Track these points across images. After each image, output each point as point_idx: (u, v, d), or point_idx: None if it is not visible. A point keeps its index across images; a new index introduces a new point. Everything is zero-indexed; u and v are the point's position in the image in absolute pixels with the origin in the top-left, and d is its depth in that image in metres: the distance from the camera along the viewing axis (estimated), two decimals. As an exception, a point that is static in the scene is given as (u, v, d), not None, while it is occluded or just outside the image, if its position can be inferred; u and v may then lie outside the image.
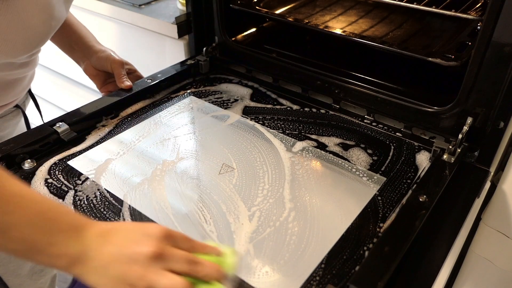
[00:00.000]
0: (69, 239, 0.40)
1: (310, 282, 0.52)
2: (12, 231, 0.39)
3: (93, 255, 0.41)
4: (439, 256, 0.55)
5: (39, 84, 1.62)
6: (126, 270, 0.40)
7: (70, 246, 0.40)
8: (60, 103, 1.67)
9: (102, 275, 0.41)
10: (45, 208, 0.41)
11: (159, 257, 0.41)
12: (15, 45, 0.64)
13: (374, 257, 0.50)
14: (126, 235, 0.42)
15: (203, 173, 0.69)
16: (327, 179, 0.68)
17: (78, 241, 0.41)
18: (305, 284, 0.51)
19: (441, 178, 0.63)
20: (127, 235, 0.42)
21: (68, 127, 0.74)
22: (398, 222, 0.55)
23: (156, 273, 0.41)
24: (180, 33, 1.02)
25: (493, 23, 0.60)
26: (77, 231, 0.41)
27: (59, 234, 0.40)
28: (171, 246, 0.43)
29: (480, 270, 0.81)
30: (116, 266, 0.41)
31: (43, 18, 0.66)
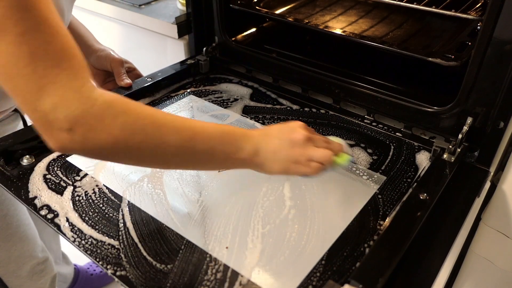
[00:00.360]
0: (247, 143, 0.55)
1: (311, 278, 0.52)
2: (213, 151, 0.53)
3: (264, 148, 0.55)
4: (439, 256, 0.55)
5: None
6: (290, 152, 0.55)
7: (249, 147, 0.55)
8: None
9: (273, 160, 0.55)
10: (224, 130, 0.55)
11: (309, 139, 0.57)
12: None
13: (375, 253, 0.50)
14: (280, 131, 0.57)
15: (203, 172, 0.69)
16: (327, 178, 0.68)
17: (251, 143, 0.55)
18: (306, 280, 0.51)
19: (441, 176, 0.63)
20: (281, 131, 0.57)
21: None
22: (399, 218, 0.55)
23: (311, 149, 0.56)
24: (180, 33, 1.01)
25: (493, 23, 0.60)
26: (248, 137, 0.55)
27: (240, 141, 0.54)
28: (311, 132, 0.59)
29: (480, 270, 0.81)
30: (283, 151, 0.55)
31: None
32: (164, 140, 0.49)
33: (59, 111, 0.43)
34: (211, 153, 0.53)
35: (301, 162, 0.56)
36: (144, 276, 0.52)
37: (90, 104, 0.45)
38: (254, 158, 0.55)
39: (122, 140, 0.47)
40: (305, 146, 0.56)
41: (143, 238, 0.57)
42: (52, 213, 0.61)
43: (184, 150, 0.51)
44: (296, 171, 0.56)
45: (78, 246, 0.56)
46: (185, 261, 0.54)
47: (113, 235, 0.58)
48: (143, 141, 0.48)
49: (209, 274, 0.52)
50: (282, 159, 0.55)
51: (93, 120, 0.45)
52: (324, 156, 0.56)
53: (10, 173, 0.67)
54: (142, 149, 0.49)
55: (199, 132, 0.52)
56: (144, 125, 0.48)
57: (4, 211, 0.85)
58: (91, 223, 0.59)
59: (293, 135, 0.56)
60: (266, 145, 0.55)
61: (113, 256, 0.55)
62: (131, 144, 0.48)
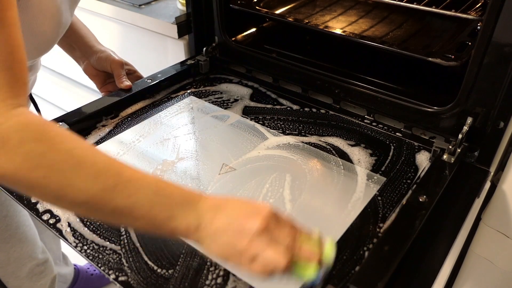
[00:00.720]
0: (186, 212, 0.45)
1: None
2: (135, 211, 0.44)
3: (206, 224, 0.45)
4: (439, 256, 0.55)
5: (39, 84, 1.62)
6: (234, 240, 0.44)
7: (187, 218, 0.45)
8: (60, 103, 1.67)
9: (213, 241, 0.45)
10: (160, 187, 0.45)
11: (265, 232, 0.44)
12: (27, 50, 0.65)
13: (374, 257, 0.50)
14: (236, 209, 0.46)
15: (203, 173, 0.69)
16: (327, 179, 0.68)
17: (193, 213, 0.45)
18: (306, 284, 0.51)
19: (441, 178, 0.63)
20: (237, 210, 0.46)
21: (68, 127, 0.74)
22: (398, 222, 0.55)
23: (261, 246, 0.44)
24: (180, 33, 1.01)
25: (493, 23, 0.60)
26: (192, 204, 0.46)
27: (177, 208, 0.45)
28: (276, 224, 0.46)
29: (480, 270, 0.81)
30: (226, 235, 0.45)
31: (52, 25, 0.66)
32: (73, 183, 0.42)
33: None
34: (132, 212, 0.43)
35: (245, 256, 0.44)
36: (146, 281, 0.52)
37: (1, 121, 0.41)
38: (193, 233, 0.45)
39: (22, 171, 0.41)
40: (254, 239, 0.44)
41: (144, 242, 0.57)
42: (54, 218, 0.61)
43: (96, 201, 0.43)
44: (239, 265, 0.45)
45: (80, 251, 0.56)
46: (186, 266, 0.54)
47: (114, 240, 0.58)
48: (46, 177, 0.41)
49: (209, 279, 0.52)
50: (222, 244, 0.45)
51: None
52: (273, 260, 0.43)
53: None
54: (43, 187, 0.42)
55: (124, 183, 0.43)
56: (54, 161, 0.42)
57: (3, 212, 0.85)
58: (93, 227, 0.59)
59: (247, 221, 0.45)
60: (210, 221, 0.45)
61: (115, 262, 0.55)
62: (32, 178, 0.41)
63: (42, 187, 0.42)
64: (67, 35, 0.87)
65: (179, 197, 0.45)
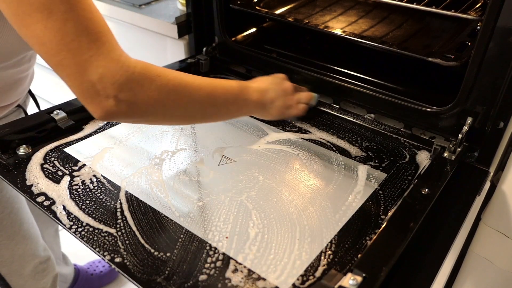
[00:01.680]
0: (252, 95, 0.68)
1: (312, 268, 0.52)
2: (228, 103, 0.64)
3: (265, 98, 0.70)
4: (439, 256, 0.55)
5: (39, 83, 1.62)
6: (284, 100, 0.72)
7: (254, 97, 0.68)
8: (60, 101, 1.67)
9: (273, 107, 0.71)
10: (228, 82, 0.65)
11: (294, 88, 0.76)
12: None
13: (379, 242, 0.50)
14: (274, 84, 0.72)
15: (202, 164, 0.69)
16: (326, 177, 0.68)
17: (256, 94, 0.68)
18: (307, 270, 0.51)
19: (442, 173, 0.63)
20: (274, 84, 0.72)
21: (65, 115, 0.74)
22: (402, 210, 0.55)
23: (298, 94, 0.76)
24: (180, 33, 1.01)
25: (493, 23, 0.60)
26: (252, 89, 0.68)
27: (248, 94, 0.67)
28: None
29: (480, 270, 0.81)
30: (279, 100, 0.72)
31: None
32: (192, 97, 0.58)
33: (105, 80, 0.48)
34: (227, 103, 0.63)
35: (292, 106, 0.73)
36: (142, 263, 0.52)
37: (131, 72, 0.50)
38: (259, 106, 0.69)
39: (160, 100, 0.53)
40: (293, 93, 0.74)
41: (141, 227, 0.57)
42: (49, 200, 0.61)
43: (207, 104, 0.61)
44: (289, 115, 0.74)
45: (75, 233, 0.56)
46: (184, 250, 0.54)
47: (110, 223, 0.57)
48: (176, 99, 0.56)
49: (208, 262, 0.52)
50: (279, 106, 0.71)
51: (135, 85, 0.50)
52: (308, 97, 0.77)
53: (6, 161, 0.67)
54: (176, 107, 0.57)
55: (217, 87, 0.62)
56: (175, 86, 0.55)
57: (8, 208, 0.85)
58: (88, 211, 0.59)
59: (284, 86, 0.73)
60: (266, 94, 0.69)
61: (111, 244, 0.54)
62: (167, 103, 0.55)
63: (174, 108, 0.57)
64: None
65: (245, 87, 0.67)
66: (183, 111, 0.59)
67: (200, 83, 0.59)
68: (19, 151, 0.69)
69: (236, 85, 0.66)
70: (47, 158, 0.69)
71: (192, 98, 0.58)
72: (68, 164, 0.68)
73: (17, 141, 0.69)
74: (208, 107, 0.62)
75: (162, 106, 0.55)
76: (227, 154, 0.72)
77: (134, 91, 0.51)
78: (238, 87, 0.66)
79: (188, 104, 0.58)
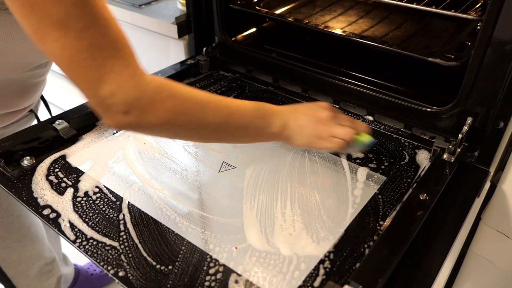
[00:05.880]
0: (275, 119, 0.62)
1: (311, 278, 0.52)
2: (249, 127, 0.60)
3: (291, 123, 0.63)
4: (439, 256, 0.55)
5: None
6: (315, 127, 0.63)
7: (277, 123, 0.62)
8: (61, 103, 1.67)
9: (300, 134, 0.63)
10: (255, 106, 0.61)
11: (333, 118, 0.64)
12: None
13: (375, 254, 0.50)
14: (307, 109, 0.65)
15: (203, 171, 0.69)
16: (327, 178, 0.68)
17: (279, 118, 0.62)
18: (306, 281, 0.51)
19: (441, 176, 0.63)
20: (308, 109, 0.65)
21: (67, 124, 0.74)
22: (399, 219, 0.55)
23: (334, 126, 0.64)
24: (180, 33, 1.01)
25: (493, 23, 0.60)
26: (276, 113, 0.62)
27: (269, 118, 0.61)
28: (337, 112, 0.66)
29: (480, 270, 0.81)
30: (309, 126, 0.63)
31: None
32: (205, 119, 0.56)
33: (116, 97, 0.49)
34: (245, 128, 0.60)
35: (324, 137, 0.63)
36: (145, 277, 0.52)
37: (143, 90, 0.50)
38: (283, 132, 0.62)
39: (170, 121, 0.53)
40: (328, 123, 0.63)
41: (143, 239, 0.57)
42: (54, 213, 0.61)
43: (222, 127, 0.58)
44: (319, 146, 0.63)
45: (79, 247, 0.56)
46: (186, 262, 0.54)
47: (113, 236, 0.58)
48: (188, 121, 0.55)
49: (209, 275, 0.52)
50: (307, 134, 0.63)
51: (146, 104, 0.51)
52: (346, 133, 0.63)
53: (10, 174, 0.67)
54: (187, 128, 0.56)
55: (234, 111, 0.59)
56: (188, 107, 0.55)
57: (17, 211, 0.86)
58: (92, 224, 0.59)
59: (318, 113, 0.64)
60: (294, 121, 0.63)
61: (114, 258, 0.55)
62: (178, 124, 0.55)
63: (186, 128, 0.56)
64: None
65: (268, 109, 0.62)
66: (195, 134, 0.58)
67: (217, 106, 0.57)
68: (23, 162, 0.68)
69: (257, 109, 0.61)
70: (51, 169, 0.68)
71: (205, 123, 0.56)
72: (71, 174, 0.68)
73: (21, 152, 0.69)
74: (223, 133, 0.60)
75: (172, 127, 0.55)
76: (227, 160, 0.71)
77: (144, 109, 0.51)
78: (259, 111, 0.61)
79: (200, 128, 0.57)
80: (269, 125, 0.61)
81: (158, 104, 0.52)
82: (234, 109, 0.59)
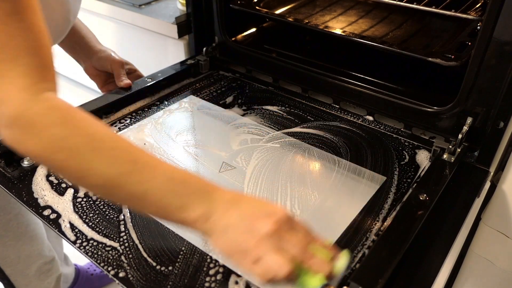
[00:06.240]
0: (198, 203, 0.44)
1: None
2: (148, 198, 0.44)
3: (217, 218, 0.44)
4: (439, 256, 0.55)
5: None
6: (242, 238, 0.44)
7: (198, 208, 0.44)
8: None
9: (221, 236, 0.44)
10: (175, 175, 0.45)
11: (274, 236, 0.43)
12: None
13: (375, 255, 0.50)
14: (251, 208, 0.45)
15: (203, 172, 0.69)
16: (327, 178, 0.68)
17: (205, 205, 0.44)
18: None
19: (441, 177, 0.63)
20: (252, 208, 0.45)
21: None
22: (398, 220, 0.55)
23: (267, 249, 0.43)
24: (180, 33, 1.01)
25: (493, 23, 0.60)
26: (205, 195, 0.45)
27: (189, 198, 0.44)
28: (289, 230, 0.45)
29: (480, 270, 0.81)
30: (235, 232, 0.44)
31: (63, 13, 0.66)
32: (92, 167, 0.43)
33: (2, 106, 0.43)
34: (145, 199, 0.44)
35: (249, 256, 0.43)
36: (145, 278, 0.52)
37: (28, 107, 0.43)
38: (203, 224, 0.44)
39: (46, 153, 0.44)
40: (262, 241, 0.43)
41: (143, 239, 0.57)
42: (55, 213, 0.61)
43: (112, 185, 0.44)
44: (240, 263, 0.44)
45: (79, 248, 0.56)
46: (186, 263, 0.54)
47: (114, 236, 0.58)
48: (67, 160, 0.44)
49: (209, 276, 0.52)
50: (230, 241, 0.44)
51: (26, 123, 0.43)
52: (278, 266, 0.42)
53: (11, 174, 0.67)
54: (65, 168, 0.45)
55: (139, 169, 0.44)
56: (75, 144, 0.43)
57: (16, 209, 0.85)
58: (92, 224, 0.59)
59: (258, 222, 0.44)
60: (222, 215, 0.44)
61: (114, 258, 0.55)
62: (54, 160, 0.44)
63: (64, 169, 0.45)
64: (68, 35, 0.87)
65: (193, 187, 0.45)
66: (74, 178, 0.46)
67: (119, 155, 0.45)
68: (23, 163, 0.68)
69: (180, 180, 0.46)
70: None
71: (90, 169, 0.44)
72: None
73: None
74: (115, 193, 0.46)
75: (47, 161, 0.45)
76: (227, 160, 0.71)
77: (23, 130, 0.43)
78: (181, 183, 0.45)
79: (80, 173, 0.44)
80: (184, 207, 0.44)
81: (39, 128, 0.43)
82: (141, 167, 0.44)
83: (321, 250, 0.45)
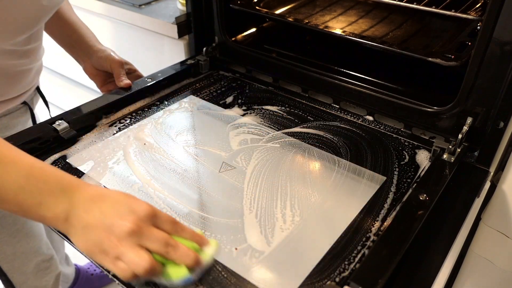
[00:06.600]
0: (57, 201, 0.44)
1: (311, 279, 0.52)
2: (1, 194, 0.43)
3: (77, 217, 0.44)
4: (439, 256, 0.55)
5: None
6: (103, 237, 0.44)
7: (57, 207, 0.44)
8: (61, 103, 1.67)
9: (81, 236, 0.45)
10: (34, 171, 0.44)
11: (135, 234, 0.44)
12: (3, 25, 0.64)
13: (374, 255, 0.50)
14: (112, 206, 0.45)
15: (203, 172, 0.69)
16: (327, 178, 0.68)
17: (65, 203, 0.44)
18: (306, 281, 0.51)
19: (441, 177, 0.63)
20: (114, 206, 0.45)
21: (67, 125, 0.74)
22: (398, 220, 0.55)
23: (127, 246, 0.43)
24: (180, 33, 1.02)
25: (493, 23, 0.60)
26: (66, 193, 0.44)
27: (47, 196, 0.43)
28: (152, 225, 0.46)
29: (480, 270, 0.81)
30: (96, 231, 0.44)
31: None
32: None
33: None
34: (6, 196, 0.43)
35: (109, 255, 0.44)
36: (145, 276, 0.52)
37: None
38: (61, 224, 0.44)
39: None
40: (123, 239, 0.43)
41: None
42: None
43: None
44: (102, 262, 0.45)
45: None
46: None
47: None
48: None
49: (214, 270, 0.52)
50: (90, 240, 0.44)
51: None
52: (137, 263, 0.43)
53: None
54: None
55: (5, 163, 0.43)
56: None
57: None
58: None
59: (118, 220, 0.44)
60: (82, 213, 0.44)
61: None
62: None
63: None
64: (68, 34, 0.87)
65: (52, 184, 0.44)
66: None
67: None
68: None
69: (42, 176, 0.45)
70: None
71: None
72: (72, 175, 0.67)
73: None
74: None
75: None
76: (227, 161, 0.72)
77: None
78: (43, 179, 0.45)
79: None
80: (42, 205, 0.43)
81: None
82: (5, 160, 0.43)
83: (187, 241, 0.47)
